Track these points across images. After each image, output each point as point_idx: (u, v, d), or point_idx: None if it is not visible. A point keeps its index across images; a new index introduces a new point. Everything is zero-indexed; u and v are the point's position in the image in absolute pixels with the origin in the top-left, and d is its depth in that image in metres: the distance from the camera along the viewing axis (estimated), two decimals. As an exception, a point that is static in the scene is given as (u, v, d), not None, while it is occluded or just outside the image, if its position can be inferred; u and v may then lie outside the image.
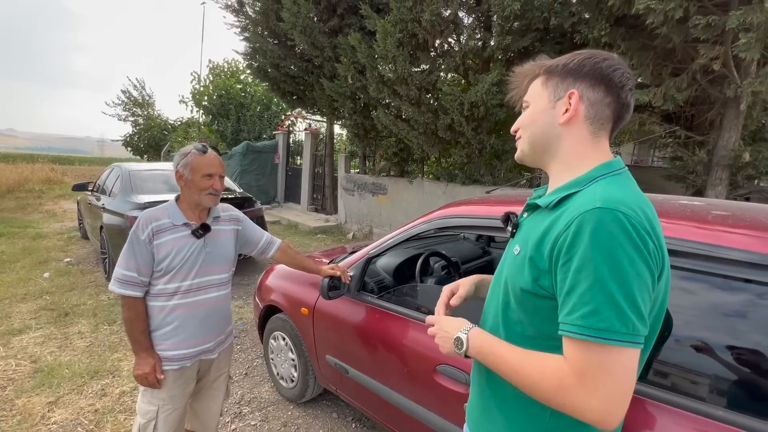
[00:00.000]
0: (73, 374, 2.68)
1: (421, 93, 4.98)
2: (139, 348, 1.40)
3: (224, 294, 1.58)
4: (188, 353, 1.47)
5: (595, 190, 0.69)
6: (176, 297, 1.43)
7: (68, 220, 8.47)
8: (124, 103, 17.46)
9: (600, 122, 0.74)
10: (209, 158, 1.43)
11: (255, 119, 13.31)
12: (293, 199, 10.45)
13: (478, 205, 1.62)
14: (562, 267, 0.66)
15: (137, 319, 1.39)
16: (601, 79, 0.72)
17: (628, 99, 0.74)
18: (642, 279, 0.62)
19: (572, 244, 0.64)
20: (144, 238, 1.37)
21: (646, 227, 0.63)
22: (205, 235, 1.47)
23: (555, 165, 0.79)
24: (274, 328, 2.50)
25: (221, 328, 1.59)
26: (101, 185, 5.33)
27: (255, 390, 2.61)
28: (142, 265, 1.37)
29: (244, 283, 4.68)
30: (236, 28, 7.74)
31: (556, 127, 0.76)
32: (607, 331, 0.60)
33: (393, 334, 1.74)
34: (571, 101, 0.73)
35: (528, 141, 0.81)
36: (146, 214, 1.41)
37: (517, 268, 0.77)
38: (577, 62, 0.74)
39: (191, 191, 1.43)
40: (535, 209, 0.81)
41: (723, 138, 3.76)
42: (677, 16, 2.98)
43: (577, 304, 0.63)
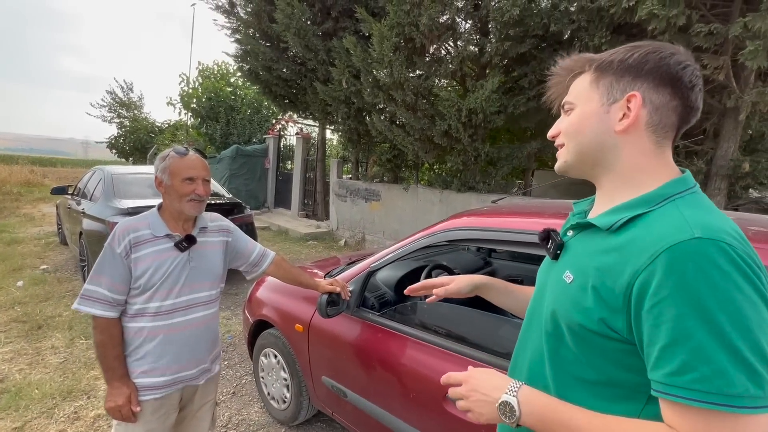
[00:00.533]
0: (43, 395, 2.46)
1: (417, 98, 4.88)
2: (112, 376, 1.23)
3: (211, 313, 1.42)
4: (170, 380, 1.31)
5: (682, 214, 0.56)
6: (157, 318, 1.27)
7: (47, 224, 8.11)
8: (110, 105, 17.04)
9: (664, 130, 0.62)
10: (191, 160, 1.29)
11: (245, 122, 13.08)
12: (283, 204, 10.24)
13: (492, 217, 1.50)
14: (652, 311, 0.52)
15: (111, 344, 1.23)
16: (668, 79, 0.60)
17: (698, 102, 0.62)
18: (766, 323, 0.49)
19: (665, 283, 0.51)
20: (120, 251, 1.22)
21: (755, 260, 0.52)
22: (190, 248, 1.32)
23: (609, 179, 0.67)
24: (265, 345, 2.33)
25: (208, 352, 1.43)
26: (82, 189, 5.08)
27: (243, 411, 2.43)
28: (118, 282, 1.22)
29: (233, 292, 4.47)
30: (227, 29, 7.57)
31: (611, 135, 0.64)
32: (739, 397, 0.47)
33: (397, 356, 1.60)
34: (631, 105, 0.61)
35: (574, 151, 0.68)
36: (123, 224, 1.27)
37: (571, 299, 0.63)
38: (638, 57, 0.61)
39: (172, 198, 1.29)
40: (585, 228, 0.69)
41: (722, 148, 3.74)
42: (680, 23, 2.94)
43: (690, 363, 0.49)
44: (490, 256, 3.07)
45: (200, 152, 1.37)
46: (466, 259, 2.86)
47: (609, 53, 0.65)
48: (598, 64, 0.65)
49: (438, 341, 1.50)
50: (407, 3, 4.33)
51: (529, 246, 1.32)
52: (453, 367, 1.42)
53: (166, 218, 1.31)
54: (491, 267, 2.95)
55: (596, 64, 0.66)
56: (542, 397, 0.63)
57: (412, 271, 2.24)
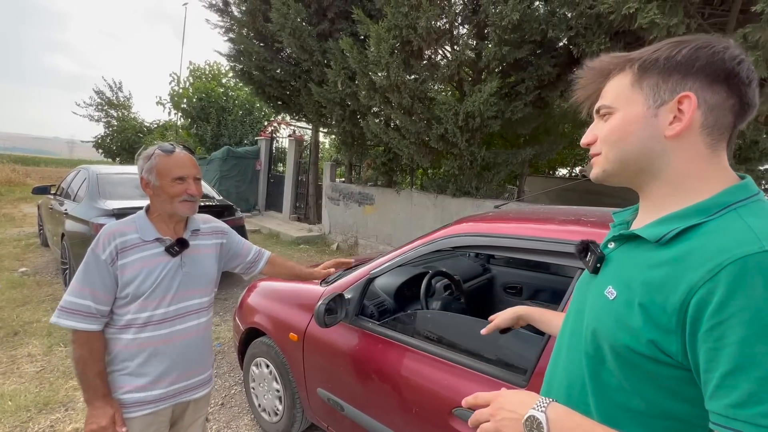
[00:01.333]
0: (17, 407, 2.30)
1: (413, 101, 4.84)
2: (93, 395, 1.12)
3: (205, 321, 1.34)
4: (162, 394, 1.22)
5: (747, 224, 0.50)
6: (147, 329, 1.18)
7: (28, 225, 7.83)
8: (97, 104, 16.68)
9: (720, 132, 0.56)
10: (179, 158, 1.20)
11: (236, 124, 12.90)
12: (275, 207, 10.09)
13: (501, 223, 1.43)
14: (711, 332, 0.46)
15: (92, 359, 1.13)
16: (724, 76, 0.54)
17: (756, 98, 0.56)
18: None
19: (729, 301, 0.45)
20: (105, 258, 1.13)
21: None
22: (182, 252, 1.23)
23: (656, 186, 0.60)
24: (256, 354, 2.22)
25: (202, 363, 1.34)
26: (65, 189, 4.90)
27: (233, 423, 2.31)
28: (102, 292, 1.13)
29: (222, 297, 4.33)
30: (220, 28, 7.45)
31: (660, 141, 0.57)
32: None
33: (399, 368, 1.51)
34: (683, 108, 0.55)
35: (616, 159, 0.62)
36: (109, 228, 1.17)
37: (614, 317, 0.57)
38: (687, 53, 0.55)
39: (162, 200, 1.20)
40: (629, 240, 0.62)
41: (716, 156, 3.76)
42: (680, 32, 2.94)
43: (757, 394, 0.43)
44: (489, 263, 3.01)
45: (188, 149, 1.27)
46: (465, 266, 2.79)
47: (650, 50, 0.59)
48: (642, 62, 0.59)
49: (442, 353, 1.42)
50: (405, 5, 4.29)
51: (542, 254, 1.26)
52: (459, 380, 1.34)
53: (155, 221, 1.23)
54: (490, 273, 2.89)
55: (638, 63, 0.59)
56: (575, 416, 0.57)
57: (412, 278, 2.16)
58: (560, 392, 0.67)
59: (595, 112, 0.66)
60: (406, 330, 1.63)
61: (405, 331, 1.61)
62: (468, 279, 2.65)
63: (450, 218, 4.84)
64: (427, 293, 2.08)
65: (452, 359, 1.39)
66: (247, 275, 1.55)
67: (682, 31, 2.95)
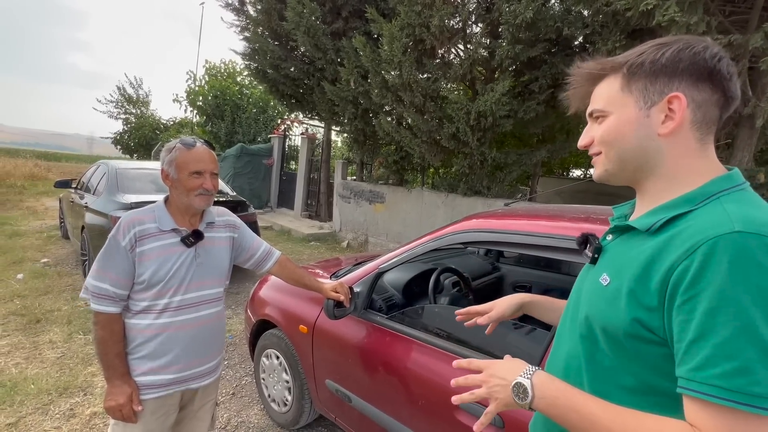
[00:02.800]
0: (39, 390, 2.40)
1: (425, 100, 4.84)
2: (113, 374, 1.18)
3: (218, 311, 1.38)
4: (172, 379, 1.26)
5: (725, 209, 0.53)
6: (163, 315, 1.23)
7: (49, 218, 8.08)
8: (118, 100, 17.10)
9: (708, 126, 0.60)
10: (198, 153, 1.24)
11: (250, 122, 13.08)
12: (287, 204, 10.20)
13: (510, 219, 1.44)
14: (683, 306, 0.50)
15: (112, 340, 1.19)
16: (707, 74, 0.58)
17: (738, 91, 0.60)
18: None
19: (699, 278, 0.49)
20: (125, 244, 1.17)
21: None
22: (197, 244, 1.27)
23: (652, 182, 0.64)
24: (266, 345, 2.27)
25: (213, 351, 1.38)
26: (86, 183, 5.05)
27: (243, 413, 2.36)
28: (122, 276, 1.18)
29: (234, 291, 4.42)
30: (236, 27, 7.57)
31: (654, 139, 0.61)
32: (764, 397, 0.45)
33: (406, 361, 1.53)
34: (674, 107, 0.59)
35: (616, 159, 0.65)
36: (129, 215, 1.22)
37: (607, 302, 0.61)
38: (670, 56, 0.58)
39: (179, 192, 1.24)
40: (625, 231, 0.66)
41: (736, 157, 3.67)
42: (700, 30, 2.88)
43: (714, 358, 0.48)
44: (498, 261, 3.01)
45: (208, 144, 1.31)
46: (474, 263, 2.79)
47: (635, 53, 0.62)
48: (629, 66, 0.62)
49: (449, 346, 1.44)
50: (418, 4, 4.30)
51: (548, 250, 1.26)
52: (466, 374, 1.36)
53: (172, 212, 1.27)
54: (500, 272, 2.89)
55: (626, 67, 0.62)
56: (557, 382, 0.63)
57: (420, 274, 2.18)
58: (559, 373, 0.70)
59: (588, 115, 0.69)
60: (413, 324, 1.65)
61: (412, 324, 1.63)
62: (477, 277, 2.65)
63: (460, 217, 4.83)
64: (436, 289, 2.10)
65: (459, 353, 1.40)
66: (259, 271, 1.57)
67: (702, 29, 2.90)
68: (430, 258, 2.54)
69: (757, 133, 3.53)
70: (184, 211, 1.28)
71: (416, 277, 2.19)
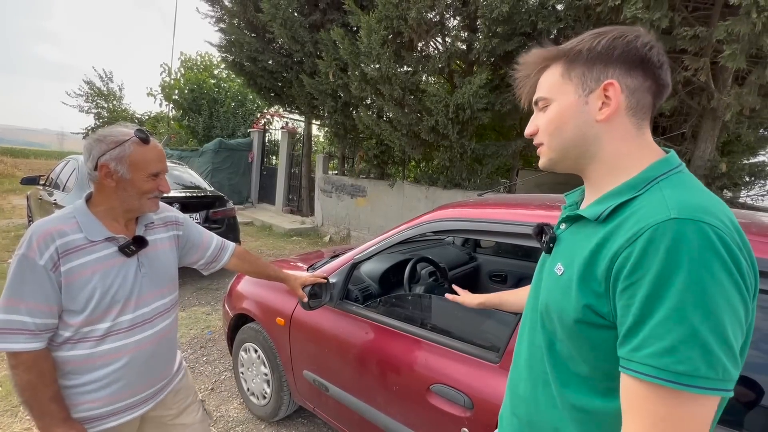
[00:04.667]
0: (7, 392, 2.33)
1: (404, 93, 4.85)
2: (50, 422, 0.95)
3: (169, 323, 1.19)
4: (129, 403, 1.09)
5: (663, 195, 0.56)
6: (114, 338, 1.03)
7: (17, 216, 7.77)
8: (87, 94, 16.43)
9: (642, 111, 0.62)
10: (155, 151, 1.06)
11: (229, 116, 12.80)
12: (267, 199, 10.08)
13: (481, 208, 1.48)
14: (625, 292, 0.53)
15: (42, 383, 0.94)
16: (639, 61, 0.60)
17: (668, 78, 0.62)
18: (734, 309, 0.49)
19: (639, 264, 0.51)
20: (44, 263, 0.92)
21: (737, 241, 0.51)
22: (139, 252, 1.08)
23: (594, 168, 0.66)
24: (245, 339, 2.27)
25: (167, 367, 1.21)
26: (54, 179, 4.88)
27: (222, 407, 2.36)
28: (42, 303, 0.93)
29: (213, 287, 4.36)
30: (211, 18, 7.38)
31: (593, 126, 0.63)
32: (687, 375, 0.48)
33: (381, 349, 1.56)
34: (609, 94, 0.61)
35: (557, 147, 0.67)
36: (42, 227, 0.95)
37: (561, 291, 0.63)
38: (605, 44, 0.60)
39: (127, 195, 1.03)
40: (577, 220, 0.68)
41: (699, 149, 3.84)
42: (663, 25, 2.99)
43: (648, 339, 0.50)
44: (475, 251, 3.07)
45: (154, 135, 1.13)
46: (452, 254, 2.85)
47: (574, 42, 0.64)
48: (567, 55, 0.64)
49: (420, 333, 1.48)
50: (396, -4, 4.29)
51: (515, 237, 1.30)
52: (436, 358, 1.40)
53: (101, 217, 1.03)
54: (476, 262, 2.95)
55: (565, 55, 0.64)
56: None
57: (397, 264, 2.21)
58: (524, 365, 0.73)
59: (533, 104, 0.70)
60: (386, 312, 1.68)
61: (385, 313, 1.66)
62: (454, 267, 2.70)
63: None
64: (412, 279, 2.13)
65: (430, 339, 1.44)
66: (208, 271, 1.40)
67: (665, 25, 3.00)
68: (409, 249, 2.57)
69: (720, 125, 3.69)
70: (120, 215, 1.06)
71: (393, 267, 2.21)
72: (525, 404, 0.71)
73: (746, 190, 3.89)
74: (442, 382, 1.34)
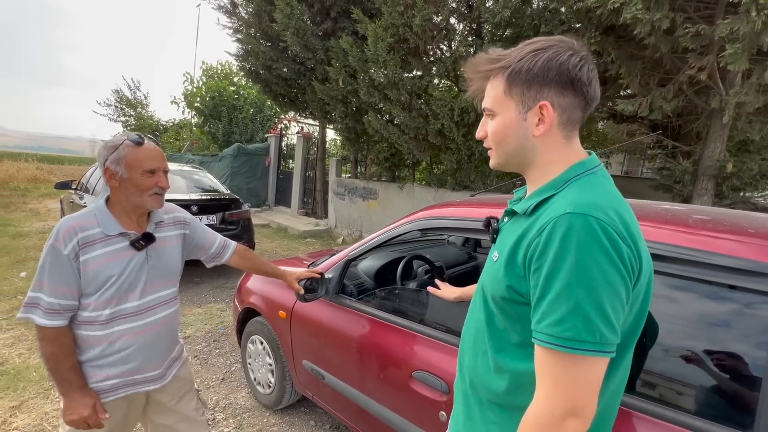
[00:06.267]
0: (40, 378, 2.57)
1: (411, 98, 4.97)
2: (69, 388, 1.12)
3: (172, 312, 1.34)
4: (134, 380, 1.24)
5: (568, 193, 0.67)
6: (122, 321, 1.19)
7: (51, 219, 8.28)
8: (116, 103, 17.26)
9: (572, 125, 0.72)
10: (149, 150, 1.18)
11: (247, 121, 13.23)
12: (284, 202, 10.36)
13: (461, 207, 1.58)
14: (534, 273, 0.64)
15: (63, 354, 1.11)
16: (569, 82, 0.68)
17: (596, 93, 0.71)
18: (612, 287, 0.60)
19: (543, 251, 0.63)
20: (68, 253, 1.09)
21: (620, 231, 0.61)
22: (148, 246, 1.23)
23: (531, 171, 0.77)
24: (252, 332, 2.43)
25: (169, 352, 1.35)
26: (85, 183, 5.21)
27: (231, 396, 2.52)
28: (65, 287, 1.10)
29: (228, 286, 4.58)
30: (229, 29, 7.70)
31: (530, 139, 0.72)
32: (572, 340, 0.59)
33: (369, 338, 1.68)
34: (544, 113, 0.70)
35: (503, 154, 0.77)
36: (67, 222, 1.13)
37: (494, 274, 0.75)
38: (541, 65, 0.68)
39: (130, 193, 1.17)
40: (514, 215, 0.79)
41: (708, 148, 3.79)
42: (664, 26, 3.00)
43: (546, 312, 0.62)
44: (475, 251, 3.14)
45: (154, 141, 1.26)
46: (451, 253, 2.93)
47: (515, 58, 0.70)
48: (509, 74, 0.71)
49: (405, 323, 1.59)
50: (401, 4, 4.42)
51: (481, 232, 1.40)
52: (418, 347, 1.50)
53: (117, 214, 1.19)
54: (476, 261, 3.03)
55: (507, 74, 0.71)
56: None
57: (392, 261, 2.32)
58: (470, 339, 0.85)
59: (483, 109, 0.79)
60: (377, 304, 1.80)
61: (376, 305, 1.78)
62: (453, 265, 2.79)
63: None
64: (408, 277, 2.24)
65: (412, 329, 1.55)
66: (210, 264, 1.54)
67: (666, 26, 3.01)
68: (408, 248, 2.68)
69: (728, 125, 3.64)
70: (132, 213, 1.21)
71: (389, 264, 2.33)
72: (468, 370, 0.84)
73: (758, 191, 3.80)
74: (423, 369, 1.44)
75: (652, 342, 1.00)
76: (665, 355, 1.02)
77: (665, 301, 1.01)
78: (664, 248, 0.98)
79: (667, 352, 1.02)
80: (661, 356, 1.02)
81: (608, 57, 3.77)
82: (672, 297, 1.02)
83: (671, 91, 3.55)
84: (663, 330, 1.00)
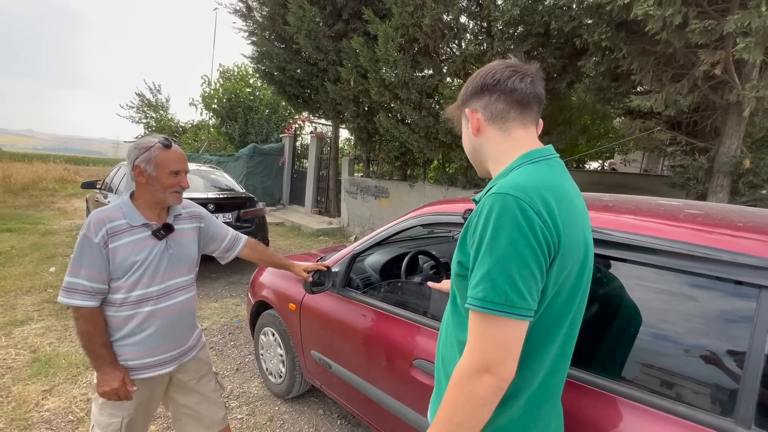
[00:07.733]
0: (69, 365, 2.74)
1: (422, 97, 5.01)
2: (101, 363, 1.26)
3: (190, 297, 1.46)
4: (158, 360, 1.36)
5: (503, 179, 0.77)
6: (146, 304, 1.31)
7: (78, 217, 8.66)
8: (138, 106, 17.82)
9: (500, 117, 0.83)
10: (176, 153, 1.32)
11: (262, 122, 13.49)
12: (298, 201, 10.54)
13: (461, 203, 1.64)
14: (472, 247, 0.74)
15: (96, 332, 1.25)
16: (480, 89, 0.84)
17: (512, 84, 0.81)
18: (521, 257, 0.67)
19: (476, 227, 0.72)
20: (98, 241, 1.22)
21: (537, 209, 0.68)
22: (168, 236, 1.36)
23: (489, 167, 0.90)
24: (264, 324, 2.54)
25: (188, 334, 1.48)
26: (109, 183, 5.46)
27: (244, 385, 2.64)
28: (96, 272, 1.23)
29: (244, 282, 4.73)
30: (244, 32, 7.89)
31: (474, 140, 0.89)
32: (484, 300, 0.68)
33: (373, 329, 1.76)
34: (471, 116, 0.86)
35: (471, 160, 0.94)
36: (98, 214, 1.27)
37: (453, 254, 0.84)
38: (465, 90, 0.88)
39: (155, 189, 1.31)
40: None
41: (724, 144, 3.71)
42: (676, 21, 2.97)
43: (472, 280, 0.71)
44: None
45: (177, 144, 1.40)
46: (458, 250, 2.98)
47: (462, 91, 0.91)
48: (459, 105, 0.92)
49: (406, 314, 1.65)
50: (411, 4, 4.47)
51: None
52: (419, 336, 1.57)
53: (140, 207, 1.32)
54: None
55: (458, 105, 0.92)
56: None
57: (398, 257, 2.39)
58: (445, 319, 0.94)
59: None
60: (381, 297, 1.87)
61: (380, 297, 1.86)
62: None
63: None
64: (413, 271, 2.31)
65: (413, 319, 1.61)
66: (225, 260, 1.65)
67: (678, 21, 2.98)
68: (415, 245, 2.74)
69: (745, 120, 3.56)
70: (154, 206, 1.34)
71: (395, 259, 2.40)
72: (441, 348, 0.94)
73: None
74: (423, 358, 1.51)
75: (636, 330, 1.04)
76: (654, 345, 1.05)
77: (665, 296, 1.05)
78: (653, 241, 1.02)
79: (656, 342, 1.05)
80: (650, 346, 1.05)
81: (620, 53, 3.72)
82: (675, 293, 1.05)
83: (686, 87, 3.49)
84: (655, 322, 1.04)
